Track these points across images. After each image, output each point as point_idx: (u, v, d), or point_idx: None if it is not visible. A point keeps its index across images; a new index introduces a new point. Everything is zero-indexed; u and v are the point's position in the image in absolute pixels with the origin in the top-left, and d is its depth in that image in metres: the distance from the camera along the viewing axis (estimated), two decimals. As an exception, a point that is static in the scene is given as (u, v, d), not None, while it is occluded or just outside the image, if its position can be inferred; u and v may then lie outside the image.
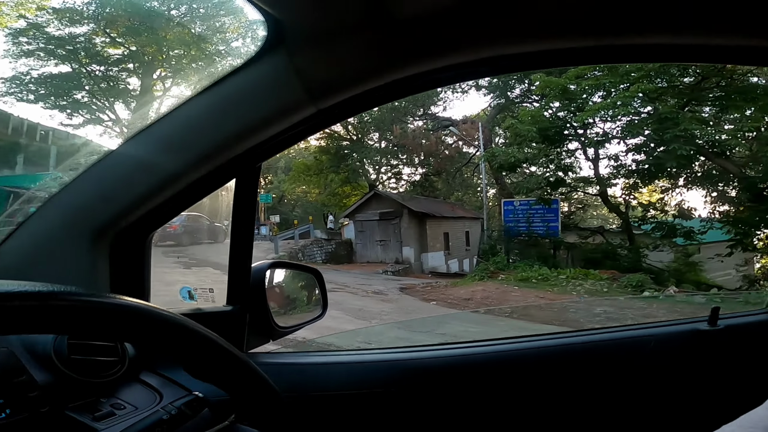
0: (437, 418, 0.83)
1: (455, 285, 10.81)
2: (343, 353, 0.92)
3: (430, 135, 17.44)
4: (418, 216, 14.37)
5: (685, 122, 9.28)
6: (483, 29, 0.59)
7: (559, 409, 0.85)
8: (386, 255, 14.67)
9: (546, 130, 10.97)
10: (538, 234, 12.46)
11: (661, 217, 11.38)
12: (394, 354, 0.90)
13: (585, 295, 8.33)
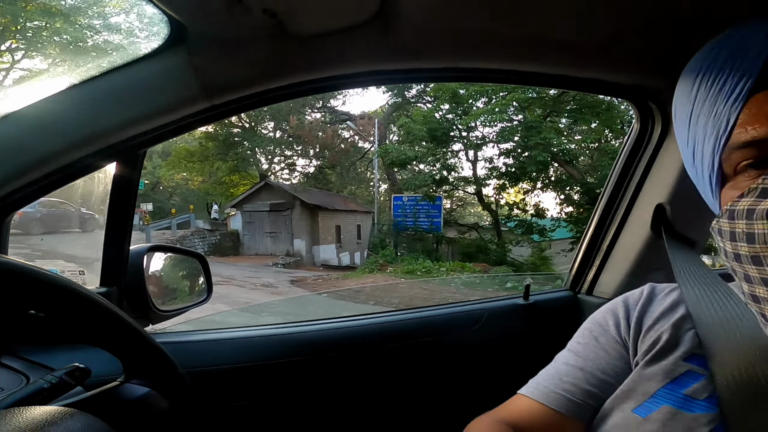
0: (317, 385, 0.93)
1: (346, 277, 11.05)
2: (231, 330, 0.96)
3: (327, 128, 17.42)
4: (311, 208, 14.27)
5: (545, 131, 10.58)
6: (364, 49, 0.72)
7: (411, 373, 1.01)
8: (276, 247, 14.28)
9: (435, 131, 11.73)
10: (423, 229, 13.33)
11: (522, 216, 12.91)
12: (276, 329, 0.96)
13: (462, 287, 9.05)
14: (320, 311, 6.19)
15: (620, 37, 0.74)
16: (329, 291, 8.88)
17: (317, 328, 0.98)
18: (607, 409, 0.53)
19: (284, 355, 0.91)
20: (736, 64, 0.44)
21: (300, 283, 10.02)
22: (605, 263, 1.06)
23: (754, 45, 0.44)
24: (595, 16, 0.69)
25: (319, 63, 0.71)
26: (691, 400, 0.47)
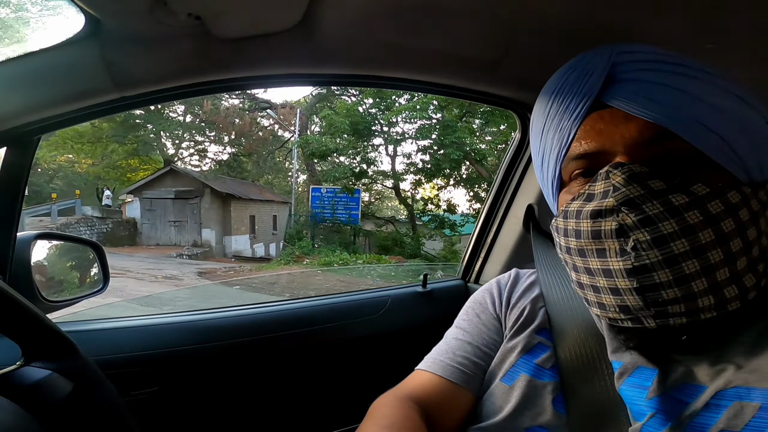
0: (228, 371, 0.96)
1: (261, 269, 10.68)
2: (138, 318, 0.94)
3: (246, 115, 16.50)
4: (222, 197, 13.46)
5: (459, 131, 11.11)
6: (285, 53, 0.76)
7: (319, 357, 1.07)
8: (181, 237, 13.24)
9: (357, 124, 11.75)
10: (341, 221, 13.37)
11: (435, 211, 13.42)
12: (186, 317, 0.97)
13: (378, 278, 9.24)
14: (232, 303, 5.92)
15: (508, 57, 0.87)
16: (238, 279, 8.52)
17: (227, 315, 1.00)
18: (487, 379, 0.58)
19: (195, 342, 0.92)
20: (581, 85, 0.48)
21: (209, 275, 9.46)
22: (489, 255, 1.23)
23: (596, 68, 0.48)
24: (490, 38, 0.81)
25: (241, 63, 0.74)
26: (541, 369, 0.54)
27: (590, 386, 0.49)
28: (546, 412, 0.50)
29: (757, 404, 0.40)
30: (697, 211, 0.41)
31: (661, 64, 0.46)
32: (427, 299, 1.23)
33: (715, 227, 0.41)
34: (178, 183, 13.50)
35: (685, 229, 0.41)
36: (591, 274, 0.46)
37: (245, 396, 0.99)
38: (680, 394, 0.44)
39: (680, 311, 0.42)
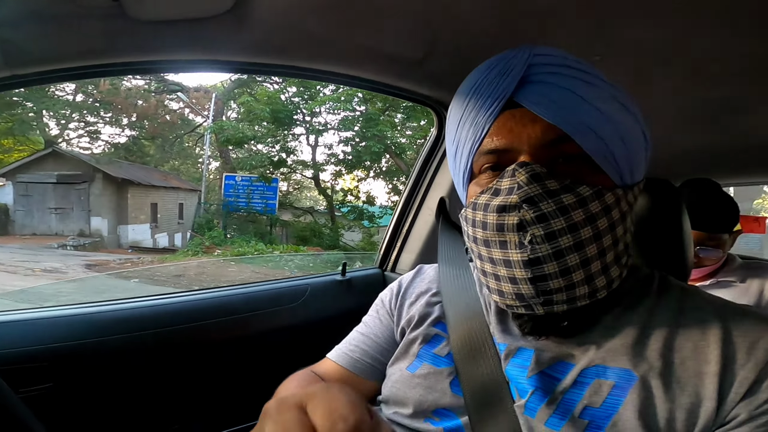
0: (138, 363, 0.91)
1: (164, 260, 9.82)
2: (32, 311, 0.83)
3: (151, 97, 14.87)
4: (118, 182, 12.05)
5: (381, 124, 11.27)
6: (212, 39, 0.73)
7: (238, 346, 1.05)
8: (65, 226, 11.62)
9: (278, 113, 11.32)
10: (257, 210, 12.80)
11: (355, 203, 13.51)
12: (86, 309, 0.89)
13: (296, 270, 9.09)
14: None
15: (429, 57, 0.92)
16: (137, 270, 7.75)
17: (133, 306, 0.94)
18: (394, 368, 0.64)
19: (95, 335, 0.86)
20: (498, 83, 0.50)
21: (100, 267, 8.45)
22: (404, 245, 1.29)
23: (513, 68, 0.50)
24: (414, 37, 0.85)
25: (160, 46, 0.71)
26: (438, 357, 0.60)
27: (480, 369, 0.54)
28: (446, 395, 0.56)
29: (612, 382, 0.48)
30: (581, 210, 0.46)
31: (567, 69, 0.50)
32: (345, 288, 1.25)
33: (593, 225, 0.47)
34: (61, 166, 11.75)
35: (571, 226, 0.46)
36: (494, 264, 0.50)
37: (155, 391, 0.94)
38: (554, 371, 0.51)
39: (563, 299, 0.48)
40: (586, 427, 0.46)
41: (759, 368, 0.44)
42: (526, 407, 0.50)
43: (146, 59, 0.72)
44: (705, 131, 1.27)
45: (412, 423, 0.57)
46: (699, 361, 0.47)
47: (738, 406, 0.44)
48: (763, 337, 0.46)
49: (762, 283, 1.21)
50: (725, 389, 0.45)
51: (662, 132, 1.27)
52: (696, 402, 0.45)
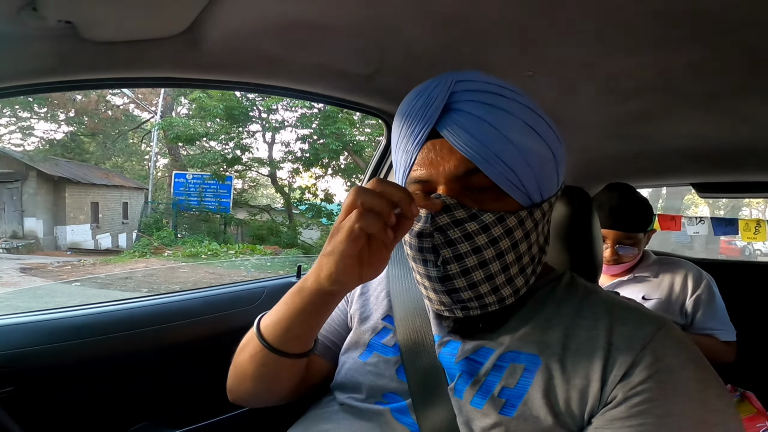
0: (102, 366, 0.93)
1: (108, 263, 9.26)
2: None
3: (91, 91, 13.85)
4: (54, 181, 11.19)
5: (340, 122, 11.24)
6: (167, 58, 0.77)
7: (198, 350, 1.07)
8: (-4, 228, 10.66)
9: (233, 109, 10.98)
10: (210, 209, 12.38)
11: (313, 200, 13.36)
12: (47, 315, 0.90)
13: (252, 269, 8.88)
14: (72, 304, 5.03)
15: (379, 73, 0.98)
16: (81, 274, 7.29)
17: (93, 311, 0.95)
18: (343, 357, 0.70)
19: (55, 341, 0.87)
20: (424, 112, 0.54)
21: (37, 271, 7.85)
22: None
23: (437, 96, 0.54)
24: (364, 55, 0.91)
25: (114, 65, 0.73)
26: (386, 347, 0.66)
27: (422, 360, 0.61)
28: (393, 380, 0.63)
29: (523, 366, 0.55)
30: (484, 235, 0.54)
31: (485, 95, 0.54)
32: (301, 288, 1.29)
33: (495, 246, 0.55)
34: (-11, 163, 10.77)
35: (475, 249, 0.54)
36: (420, 276, 0.59)
37: (116, 393, 0.96)
38: (477, 356, 0.60)
39: (476, 306, 0.57)
40: (503, 405, 0.54)
41: (634, 354, 0.52)
42: (455, 389, 0.58)
43: (98, 77, 0.73)
44: (624, 139, 1.43)
45: (365, 405, 0.63)
46: (590, 348, 0.54)
47: (616, 388, 0.51)
48: (640, 327, 0.54)
49: (672, 277, 1.36)
50: (608, 373, 0.52)
51: (587, 140, 1.42)
52: (586, 384, 0.52)
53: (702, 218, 1.86)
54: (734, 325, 1.35)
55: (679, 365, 0.51)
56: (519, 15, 0.75)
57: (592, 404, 0.51)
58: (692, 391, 0.50)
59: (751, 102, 1.08)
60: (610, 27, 0.78)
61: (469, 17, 0.77)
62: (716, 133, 1.34)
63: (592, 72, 0.98)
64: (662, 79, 0.98)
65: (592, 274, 0.85)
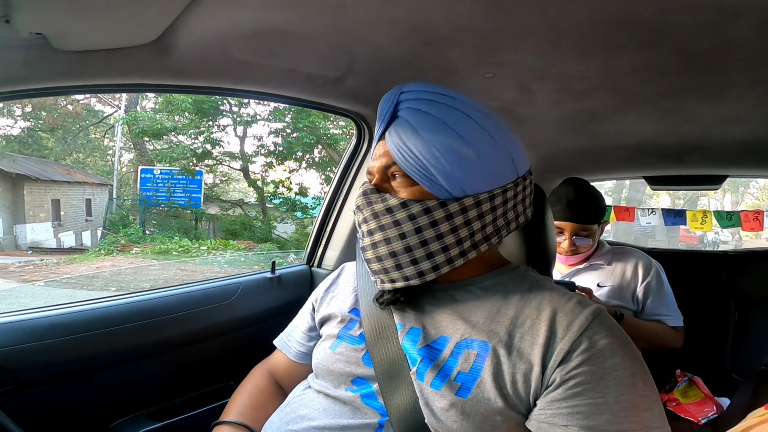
0: (77, 365, 0.94)
1: (72, 262, 8.89)
2: None
3: None
4: (12, 178, 10.60)
5: (313, 115, 11.10)
6: (139, 66, 0.79)
7: (177, 345, 1.10)
8: (-52, 228, 10.03)
9: (202, 103, 10.67)
10: (180, 205, 12.04)
11: (287, 194, 13.18)
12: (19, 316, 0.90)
13: (226, 265, 8.73)
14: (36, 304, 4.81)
15: (348, 76, 1.02)
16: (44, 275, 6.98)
17: (69, 311, 0.96)
18: (316, 349, 0.77)
19: (30, 341, 0.88)
20: (382, 118, 0.67)
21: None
22: (329, 242, 1.39)
23: (389, 107, 0.66)
24: (333, 60, 0.95)
25: (85, 73, 0.74)
26: (353, 337, 0.72)
27: (386, 348, 0.67)
28: (360, 366, 0.69)
29: (476, 352, 0.60)
30: (389, 216, 0.64)
31: (419, 102, 0.65)
32: (276, 284, 1.33)
33: (398, 227, 0.63)
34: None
35: (380, 226, 0.65)
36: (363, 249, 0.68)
37: (96, 390, 0.98)
38: (436, 344, 0.65)
39: (390, 279, 0.65)
40: (459, 387, 0.59)
41: (572, 341, 0.56)
42: (417, 373, 0.64)
43: (69, 84, 0.74)
44: (579, 136, 1.52)
45: (336, 392, 0.69)
46: (533, 335, 0.59)
47: (555, 372, 0.56)
48: (578, 317, 0.59)
49: (624, 265, 1.45)
50: (548, 358, 0.57)
51: (546, 136, 1.50)
52: (529, 368, 0.57)
53: (654, 209, 2.00)
54: (682, 312, 1.43)
55: (612, 352, 0.57)
56: (480, 23, 0.81)
57: (535, 387, 0.56)
58: (623, 377, 0.55)
59: (691, 101, 1.17)
60: (561, 33, 0.84)
61: (434, 24, 0.82)
62: (663, 130, 1.44)
63: (547, 74, 1.05)
64: (610, 80, 1.06)
65: (546, 264, 0.92)
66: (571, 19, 0.78)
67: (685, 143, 1.51)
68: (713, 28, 0.77)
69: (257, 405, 0.80)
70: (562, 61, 0.97)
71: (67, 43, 0.65)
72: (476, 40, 0.88)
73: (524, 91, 1.17)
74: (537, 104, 1.26)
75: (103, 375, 0.98)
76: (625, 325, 1.31)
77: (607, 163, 1.83)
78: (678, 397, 1.42)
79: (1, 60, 0.64)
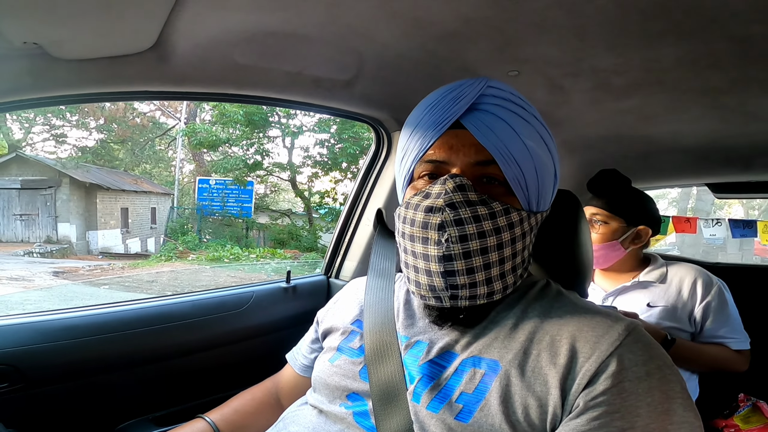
0: (95, 366, 0.96)
1: (136, 266, 9.59)
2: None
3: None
4: (86, 187, 11.69)
5: (357, 126, 11.06)
6: (138, 73, 0.79)
7: (188, 350, 1.10)
8: (31, 233, 11.23)
9: (253, 115, 11.17)
10: (232, 214, 12.63)
11: (332, 204, 13.40)
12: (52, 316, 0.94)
13: (272, 273, 9.00)
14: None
15: (359, 79, 0.97)
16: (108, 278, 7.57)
17: (79, 315, 0.98)
18: (317, 362, 0.73)
19: (45, 341, 0.91)
20: (451, 107, 0.57)
21: (69, 274, 8.19)
22: (347, 253, 1.35)
23: (466, 95, 0.58)
24: (341, 62, 0.91)
25: (86, 82, 0.75)
26: (352, 349, 0.68)
27: (385, 368, 0.60)
28: (356, 380, 0.64)
29: (483, 371, 0.55)
30: (490, 222, 0.55)
31: (510, 104, 0.58)
32: (291, 294, 1.30)
33: (498, 236, 0.55)
34: (26, 171, 11.35)
35: (480, 233, 0.54)
36: (415, 257, 0.58)
37: (105, 393, 0.99)
38: (441, 360, 0.59)
39: (466, 295, 0.56)
40: (460, 410, 0.53)
41: (600, 361, 0.50)
42: (413, 393, 0.57)
43: (74, 93, 0.76)
44: (624, 139, 1.38)
45: (330, 408, 0.64)
46: (552, 354, 0.53)
47: (579, 397, 0.49)
48: (607, 333, 0.52)
49: (680, 283, 1.27)
50: (570, 381, 0.50)
51: (588, 140, 1.37)
52: (545, 391, 0.50)
53: (719, 220, 1.77)
54: (750, 332, 1.26)
55: (646, 374, 0.49)
56: (489, 12, 0.74)
57: (553, 414, 0.50)
58: (657, 402, 0.48)
59: (756, 96, 1.02)
60: (586, 22, 0.76)
61: (439, 17, 0.76)
62: (726, 131, 1.27)
63: (579, 69, 0.95)
64: (654, 74, 0.94)
65: (579, 281, 0.81)
66: (595, 5, 0.69)
67: (753, 145, 1.32)
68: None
69: (242, 411, 0.80)
70: (593, 53, 0.87)
71: (64, 52, 0.66)
72: (491, 33, 0.81)
73: (556, 90, 1.07)
74: (573, 104, 1.15)
75: (113, 377, 1.00)
76: (679, 349, 1.16)
77: (661, 168, 1.65)
78: (738, 423, 1.26)
79: (4, 70, 0.66)
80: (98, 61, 0.71)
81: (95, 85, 0.76)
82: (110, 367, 0.99)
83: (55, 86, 0.73)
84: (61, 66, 0.69)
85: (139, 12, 0.63)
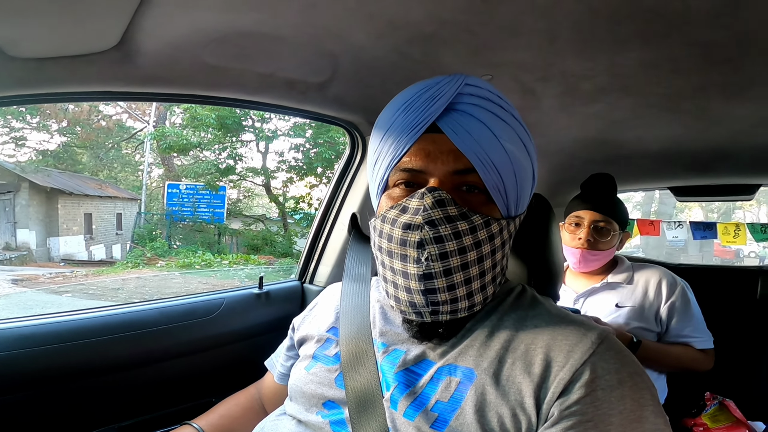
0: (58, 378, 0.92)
1: (101, 273, 9.19)
2: None
3: (83, 102, 13.83)
4: (47, 192, 11.13)
5: (332, 130, 11.11)
6: (100, 73, 0.75)
7: (154, 359, 1.05)
8: (-14, 240, 10.58)
9: (226, 119, 10.94)
10: (204, 220, 12.31)
11: (307, 209, 13.20)
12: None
13: (246, 279, 8.81)
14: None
15: (332, 81, 0.96)
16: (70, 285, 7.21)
17: (34, 324, 0.93)
18: (293, 369, 0.71)
19: (15, 348, 0.87)
20: (427, 107, 0.54)
21: (29, 282, 7.77)
22: (321, 258, 1.32)
23: (443, 94, 0.54)
24: (315, 64, 0.89)
25: (45, 81, 0.71)
26: (327, 357, 0.66)
27: (361, 376, 0.59)
28: (331, 388, 0.62)
29: (458, 380, 0.54)
30: (471, 236, 0.53)
31: (489, 103, 0.55)
32: (264, 300, 1.27)
33: (478, 249, 0.53)
34: (-20, 175, 10.72)
35: (461, 249, 0.52)
36: (394, 273, 0.56)
37: (70, 402, 0.94)
38: (417, 368, 0.58)
39: (447, 311, 0.55)
40: (435, 419, 0.52)
41: (573, 370, 0.50)
42: (390, 400, 0.56)
43: (28, 93, 0.71)
44: (594, 143, 1.42)
45: (307, 417, 0.62)
46: (526, 363, 0.52)
47: (553, 406, 0.49)
48: (581, 341, 0.52)
49: (646, 284, 1.32)
50: (545, 390, 0.50)
51: (558, 145, 1.40)
52: (520, 400, 0.50)
53: (681, 223, 1.85)
54: (713, 331, 1.31)
55: (618, 382, 0.49)
56: (464, 16, 0.74)
57: (527, 424, 0.49)
58: (629, 410, 0.48)
59: (716, 102, 1.06)
60: (557, 26, 0.77)
61: (414, 19, 0.76)
62: (687, 136, 1.33)
63: (550, 74, 0.97)
64: (619, 79, 0.97)
65: (551, 284, 0.82)
66: (565, 9, 0.70)
67: (713, 150, 1.38)
68: (729, 16, 0.68)
69: (228, 416, 0.80)
70: (563, 58, 0.89)
71: (20, 50, 0.62)
72: (465, 36, 0.81)
73: (528, 94, 1.08)
74: (543, 109, 1.18)
75: (76, 386, 0.95)
76: (645, 350, 1.19)
77: (627, 172, 1.71)
78: (706, 422, 1.30)
79: None
80: (58, 60, 0.67)
81: (55, 85, 0.72)
82: (74, 376, 0.94)
83: (12, 86, 0.69)
84: (17, 65, 0.65)
85: (101, 9, 0.60)
